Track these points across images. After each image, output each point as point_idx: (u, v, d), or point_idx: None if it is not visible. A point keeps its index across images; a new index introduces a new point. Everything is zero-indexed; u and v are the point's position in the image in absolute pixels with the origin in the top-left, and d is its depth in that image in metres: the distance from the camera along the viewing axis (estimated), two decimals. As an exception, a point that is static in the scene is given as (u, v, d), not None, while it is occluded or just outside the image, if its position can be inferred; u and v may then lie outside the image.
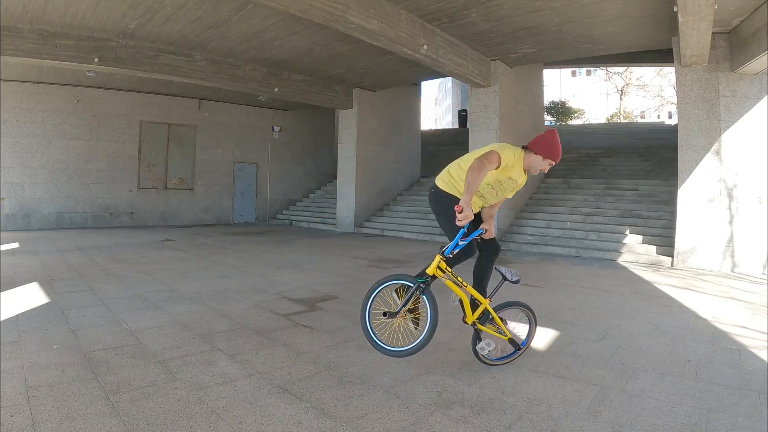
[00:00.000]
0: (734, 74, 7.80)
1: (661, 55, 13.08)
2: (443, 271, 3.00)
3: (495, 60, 10.48)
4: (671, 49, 8.63)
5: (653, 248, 8.64)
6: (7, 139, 12.11)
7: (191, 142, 15.08)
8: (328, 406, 2.59)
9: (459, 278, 3.06)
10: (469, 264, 3.38)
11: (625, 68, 31.88)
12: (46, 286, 5.49)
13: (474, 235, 3.03)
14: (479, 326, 3.12)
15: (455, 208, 2.80)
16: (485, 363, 3.16)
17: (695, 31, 6.64)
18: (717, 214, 7.86)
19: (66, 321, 4.09)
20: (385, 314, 2.92)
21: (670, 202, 9.65)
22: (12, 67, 10.70)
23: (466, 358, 3.40)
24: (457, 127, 26.22)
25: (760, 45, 6.82)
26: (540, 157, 3.06)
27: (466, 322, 3.12)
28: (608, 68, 32.71)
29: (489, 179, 3.07)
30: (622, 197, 10.82)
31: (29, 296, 4.97)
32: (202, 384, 2.84)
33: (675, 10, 6.19)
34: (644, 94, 35.07)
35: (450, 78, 27.30)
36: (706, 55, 7.63)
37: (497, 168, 2.98)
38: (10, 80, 11.99)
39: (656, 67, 29.43)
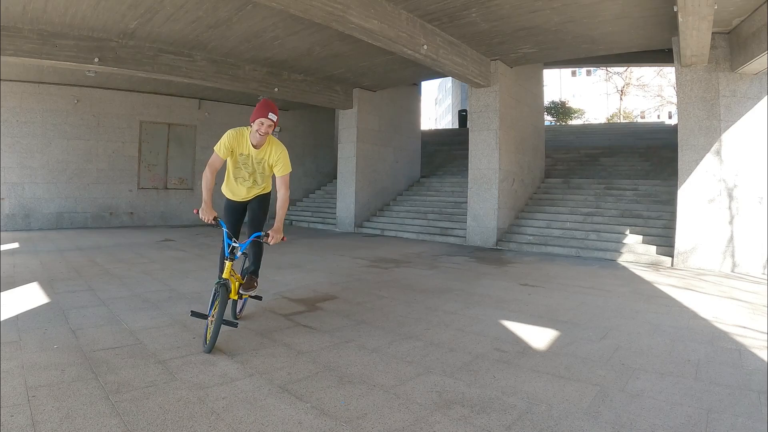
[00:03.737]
0: (734, 74, 7.80)
1: (661, 55, 13.09)
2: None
3: (495, 60, 10.47)
4: (671, 49, 8.63)
5: (653, 248, 8.64)
6: (7, 139, 12.09)
7: (191, 142, 15.07)
8: (328, 406, 2.59)
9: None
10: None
11: (625, 68, 31.87)
12: (46, 286, 5.48)
13: (252, 238, 3.71)
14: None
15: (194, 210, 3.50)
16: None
17: (695, 31, 6.63)
18: (717, 214, 7.86)
19: (66, 321, 4.09)
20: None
21: (670, 202, 9.65)
22: (12, 67, 10.70)
23: (466, 359, 3.40)
24: (457, 127, 26.22)
25: (760, 45, 6.82)
26: (252, 124, 3.54)
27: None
28: (608, 68, 32.70)
29: (229, 167, 3.78)
30: (622, 197, 10.80)
31: (29, 296, 4.97)
32: (202, 384, 2.84)
33: (675, 10, 6.19)
34: (644, 94, 35.08)
35: (450, 78, 27.28)
36: (706, 55, 7.63)
37: (223, 156, 3.61)
38: (10, 80, 11.98)
39: (656, 67, 29.43)
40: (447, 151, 17.71)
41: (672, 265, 8.08)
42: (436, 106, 66.55)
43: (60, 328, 3.88)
